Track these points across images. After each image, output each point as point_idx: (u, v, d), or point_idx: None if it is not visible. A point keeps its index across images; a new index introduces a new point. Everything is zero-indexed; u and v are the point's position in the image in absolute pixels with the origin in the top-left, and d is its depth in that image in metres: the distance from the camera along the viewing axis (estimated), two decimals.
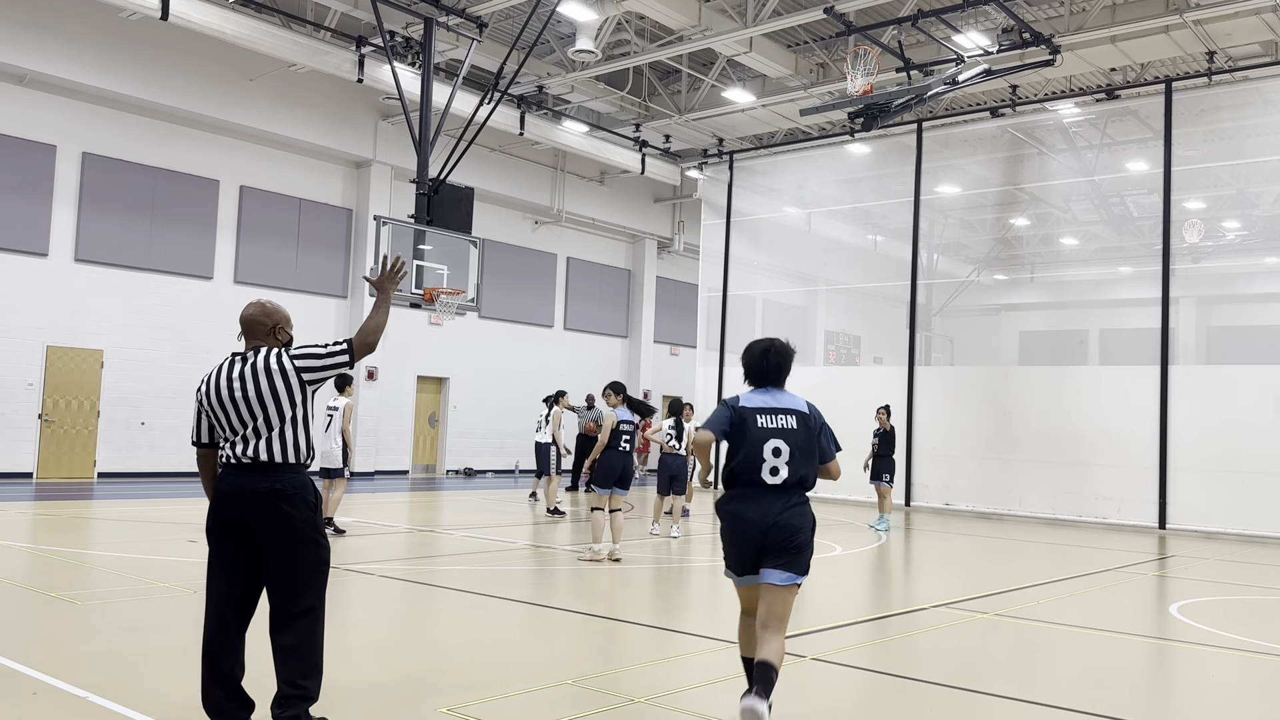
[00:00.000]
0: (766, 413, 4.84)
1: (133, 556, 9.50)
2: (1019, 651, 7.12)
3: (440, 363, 23.61)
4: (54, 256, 17.57)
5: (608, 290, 27.72)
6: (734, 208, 23.27)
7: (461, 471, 24.11)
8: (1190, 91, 17.68)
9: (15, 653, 5.70)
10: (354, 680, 5.41)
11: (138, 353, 18.51)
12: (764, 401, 4.90)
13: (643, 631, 7.14)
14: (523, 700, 5.21)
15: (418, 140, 16.04)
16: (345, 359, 4.46)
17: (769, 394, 4.95)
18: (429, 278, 14.95)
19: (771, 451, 4.75)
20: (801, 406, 4.95)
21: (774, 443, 4.77)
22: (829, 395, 20.34)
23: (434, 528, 13.68)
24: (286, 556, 4.32)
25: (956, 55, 16.69)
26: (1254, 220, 26.85)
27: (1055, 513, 17.60)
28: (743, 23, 17.36)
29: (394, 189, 21.83)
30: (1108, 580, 10.78)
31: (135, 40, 17.56)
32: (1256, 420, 15.95)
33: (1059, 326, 34.20)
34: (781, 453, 4.76)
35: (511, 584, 8.83)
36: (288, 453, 4.36)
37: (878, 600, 9.08)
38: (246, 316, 4.53)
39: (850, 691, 5.91)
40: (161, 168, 18.83)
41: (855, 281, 28.85)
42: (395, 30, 17.73)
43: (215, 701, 4.32)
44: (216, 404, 4.37)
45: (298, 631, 4.33)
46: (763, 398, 4.92)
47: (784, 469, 4.75)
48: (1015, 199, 26.42)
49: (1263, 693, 6.22)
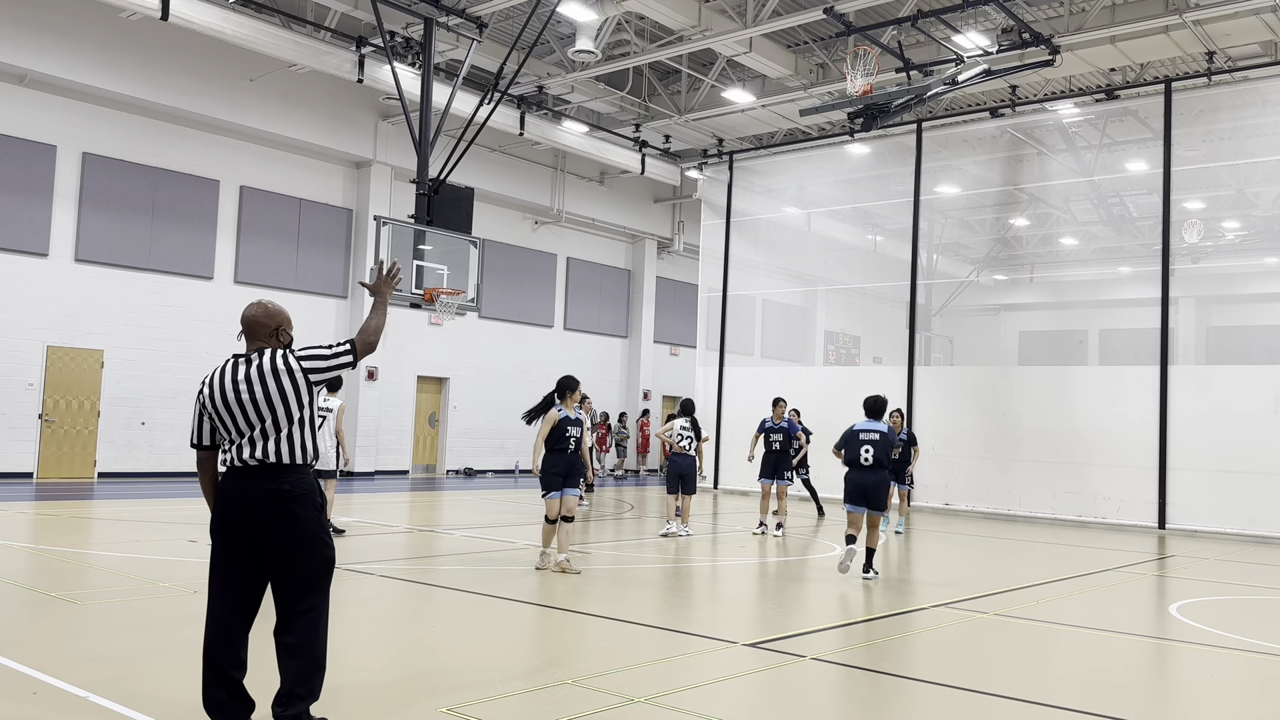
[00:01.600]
0: (865, 430, 9.95)
1: (133, 556, 9.50)
2: (1019, 651, 7.12)
3: (440, 363, 23.61)
4: (54, 256, 17.57)
5: (608, 290, 27.73)
6: (734, 208, 23.27)
7: (461, 471, 24.12)
8: (1190, 92, 17.68)
9: (15, 652, 5.70)
10: (354, 680, 5.42)
11: (138, 353, 18.52)
12: (865, 424, 10.01)
13: (643, 631, 7.15)
14: (523, 700, 5.21)
15: (418, 140, 16.04)
16: (349, 359, 4.50)
17: (869, 422, 10.04)
18: (429, 278, 14.95)
19: (863, 449, 9.85)
20: (883, 429, 9.96)
21: (866, 445, 9.85)
22: (829, 395, 20.50)
23: (434, 528, 13.68)
24: (294, 557, 4.33)
25: (956, 55, 16.69)
26: (1253, 220, 26.87)
27: (1055, 513, 17.61)
28: (743, 23, 17.36)
29: (394, 189, 21.84)
30: (1107, 580, 10.78)
31: (135, 40, 17.56)
32: (1256, 420, 15.95)
33: (1059, 326, 34.22)
34: (869, 450, 9.82)
35: (511, 584, 8.84)
36: (295, 454, 4.37)
37: (878, 600, 9.08)
38: (249, 317, 4.52)
39: (850, 691, 5.91)
40: (161, 168, 18.83)
41: (855, 281, 28.88)
42: (395, 30, 17.74)
43: (216, 701, 4.32)
44: (222, 406, 4.36)
45: (302, 630, 4.35)
46: (865, 423, 10.04)
47: (870, 457, 9.83)
48: (1015, 199, 26.44)
49: (1262, 693, 6.23)
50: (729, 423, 22.01)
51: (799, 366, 27.80)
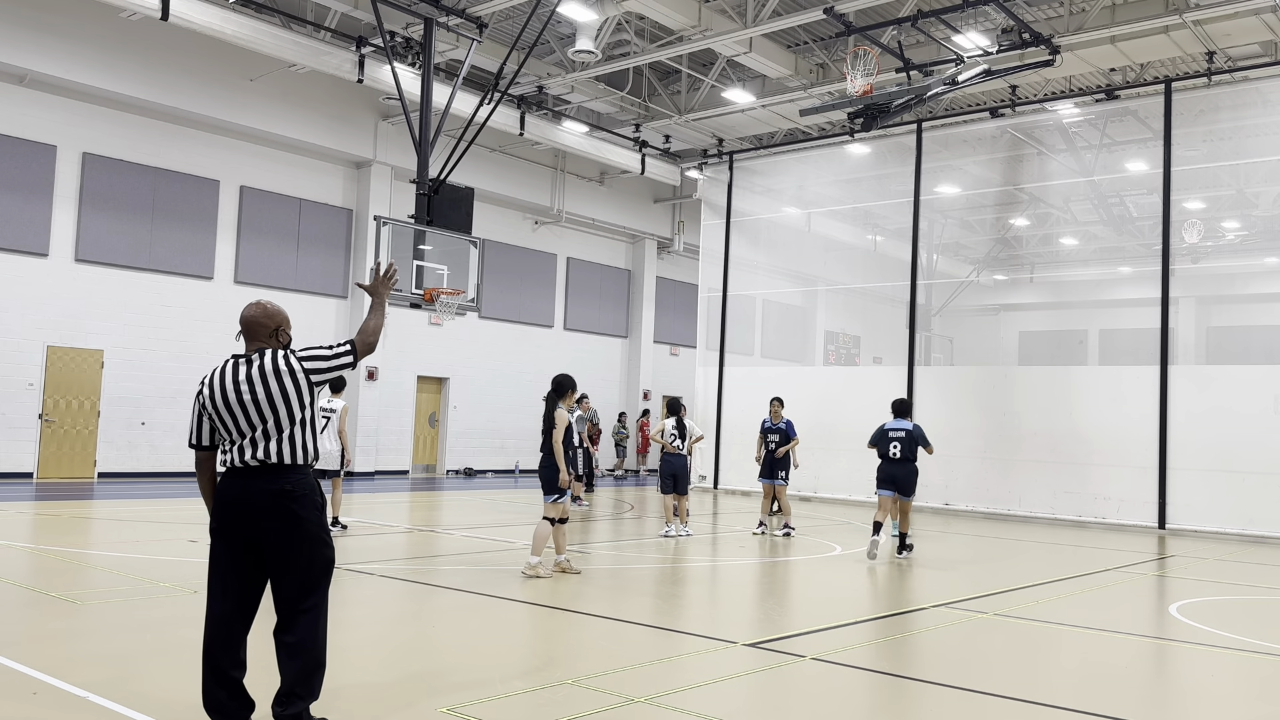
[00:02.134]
0: (893, 428, 11.58)
1: (133, 556, 9.50)
2: (1019, 651, 7.12)
3: (440, 363, 23.61)
4: (54, 256, 17.57)
5: (608, 290, 27.73)
6: (734, 208, 23.26)
7: (461, 471, 24.12)
8: (1190, 92, 17.68)
9: (15, 652, 5.71)
10: (354, 680, 5.42)
11: (138, 353, 18.52)
12: (894, 423, 11.65)
13: (643, 631, 7.15)
14: (523, 700, 5.21)
15: (418, 140, 16.04)
16: (350, 359, 4.53)
17: (897, 420, 11.69)
18: (429, 278, 14.95)
19: (892, 445, 11.52)
20: (909, 426, 11.58)
21: (894, 441, 11.50)
22: (828, 395, 20.51)
23: (434, 528, 13.68)
24: (296, 557, 4.33)
25: (956, 55, 16.69)
26: (1253, 220, 26.88)
27: (1055, 513, 17.60)
28: (743, 23, 17.36)
29: (394, 189, 21.84)
30: (1107, 580, 10.78)
31: (135, 40, 17.56)
32: (1256, 420, 15.95)
33: (1059, 326, 34.23)
34: (897, 446, 11.48)
35: (511, 584, 8.83)
36: (296, 454, 4.37)
37: (878, 600, 9.08)
38: (248, 318, 4.51)
39: (850, 691, 5.91)
40: (161, 168, 18.83)
41: (855, 281, 28.88)
42: (395, 30, 17.74)
43: (216, 701, 4.32)
44: (223, 407, 4.36)
45: (303, 629, 4.35)
46: (893, 421, 11.69)
47: (897, 452, 11.47)
48: (1015, 199, 26.44)
49: (1262, 693, 6.23)
50: (729, 423, 22.01)
51: (799, 366, 27.81)
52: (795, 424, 14.08)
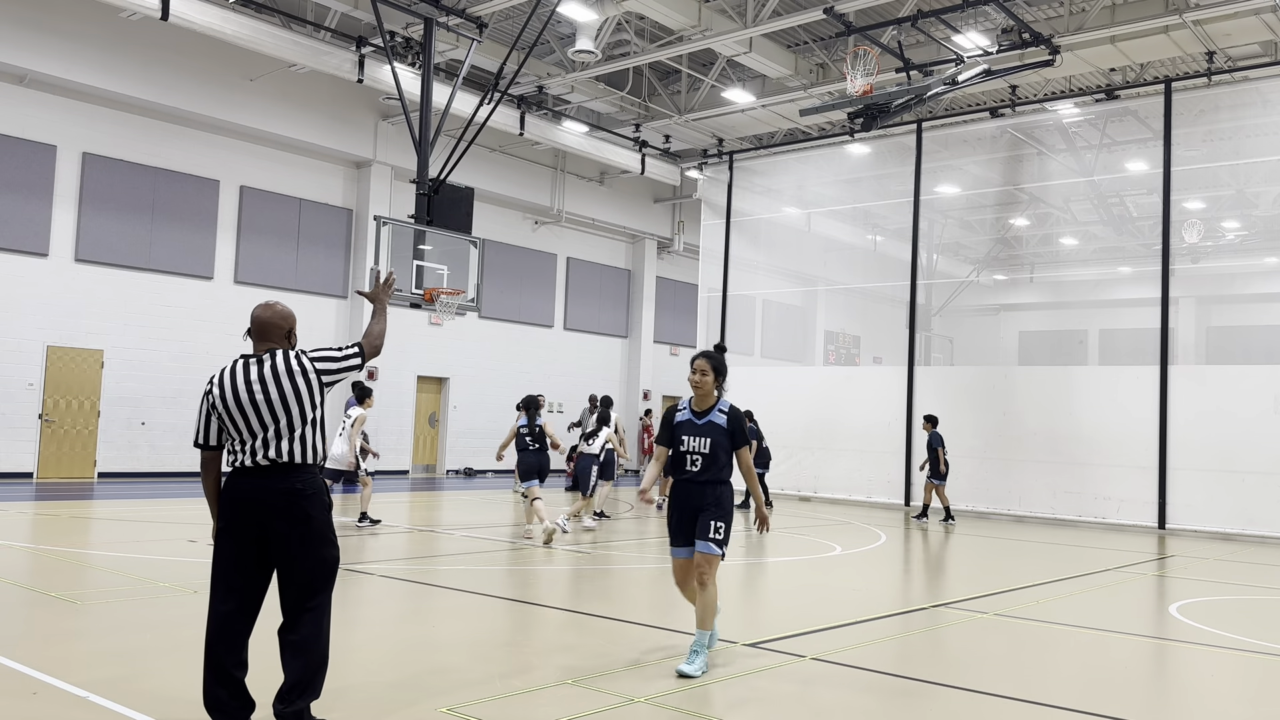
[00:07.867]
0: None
1: (133, 556, 9.51)
2: (1019, 651, 7.12)
3: (440, 363, 23.61)
4: (54, 256, 17.57)
5: (608, 290, 27.73)
6: (734, 208, 23.26)
7: (461, 471, 24.12)
8: (1190, 92, 17.68)
9: (15, 652, 5.70)
10: (354, 680, 5.42)
11: (138, 353, 18.52)
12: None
13: (643, 631, 7.15)
14: (523, 700, 5.21)
15: (418, 140, 16.04)
16: (359, 361, 4.64)
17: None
18: (429, 278, 14.96)
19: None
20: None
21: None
22: (828, 395, 20.52)
23: (434, 527, 13.68)
24: (304, 556, 4.35)
25: (956, 55, 16.70)
26: (1253, 220, 26.88)
27: (1055, 513, 17.61)
28: (743, 23, 17.36)
29: (394, 189, 21.84)
30: (1107, 580, 10.78)
31: (135, 40, 17.56)
32: (1256, 420, 15.95)
33: (1059, 326, 34.24)
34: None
35: (512, 584, 8.84)
36: (307, 454, 4.40)
37: (878, 600, 9.08)
38: (262, 320, 4.53)
39: (850, 691, 5.91)
40: (161, 168, 18.83)
41: (855, 281, 28.88)
42: (395, 30, 17.74)
43: (217, 700, 4.32)
44: (235, 407, 4.36)
45: (308, 627, 4.37)
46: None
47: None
48: (1015, 199, 26.45)
49: (1262, 693, 6.23)
50: None
51: (799, 366, 27.81)
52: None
